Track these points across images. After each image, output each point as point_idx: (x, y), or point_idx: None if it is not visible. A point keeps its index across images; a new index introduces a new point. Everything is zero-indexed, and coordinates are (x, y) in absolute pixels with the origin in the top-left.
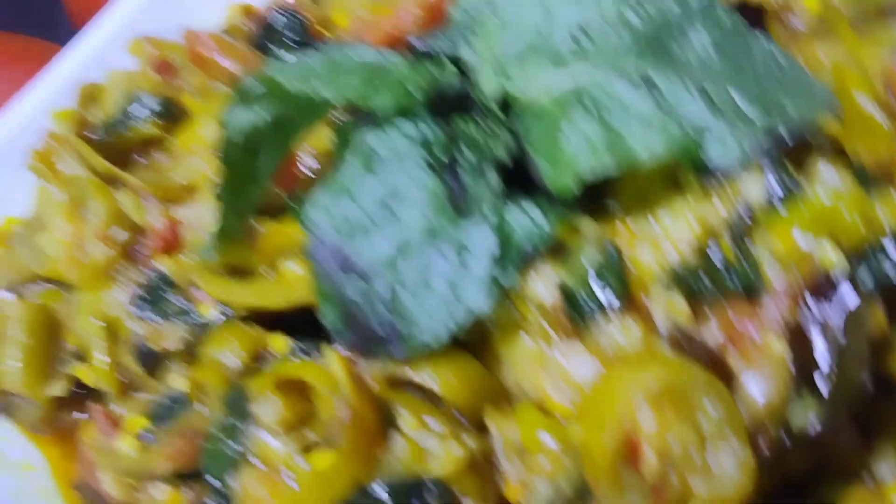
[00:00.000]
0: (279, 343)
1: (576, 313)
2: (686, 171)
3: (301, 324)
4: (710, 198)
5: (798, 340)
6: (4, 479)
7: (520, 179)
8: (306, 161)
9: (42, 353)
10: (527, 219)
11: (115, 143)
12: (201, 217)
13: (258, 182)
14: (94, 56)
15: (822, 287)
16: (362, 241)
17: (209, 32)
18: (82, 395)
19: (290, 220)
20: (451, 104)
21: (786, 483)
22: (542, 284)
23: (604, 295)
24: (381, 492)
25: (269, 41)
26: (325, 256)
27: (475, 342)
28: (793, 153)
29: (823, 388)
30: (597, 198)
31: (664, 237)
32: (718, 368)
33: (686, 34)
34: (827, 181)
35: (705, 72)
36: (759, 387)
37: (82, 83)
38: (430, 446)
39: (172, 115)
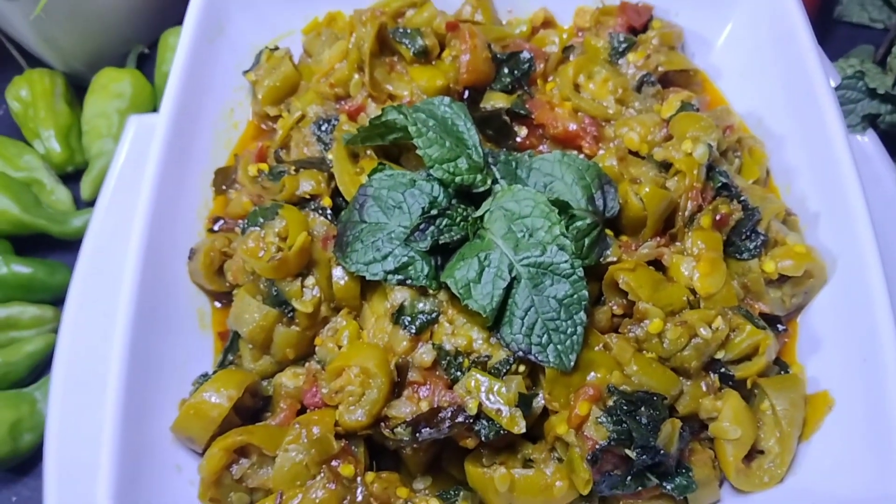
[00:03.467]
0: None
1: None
2: None
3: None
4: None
5: None
6: None
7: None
8: None
9: None
10: (425, 267)
11: (390, 42)
12: None
13: (372, 143)
14: None
15: None
16: (373, 206)
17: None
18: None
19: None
20: (468, 195)
21: None
22: None
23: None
24: None
25: (505, 62)
26: (362, 192)
27: None
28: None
29: None
30: None
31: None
32: None
33: (559, 281)
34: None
35: (544, 304)
36: None
37: None
38: None
39: (423, 56)
